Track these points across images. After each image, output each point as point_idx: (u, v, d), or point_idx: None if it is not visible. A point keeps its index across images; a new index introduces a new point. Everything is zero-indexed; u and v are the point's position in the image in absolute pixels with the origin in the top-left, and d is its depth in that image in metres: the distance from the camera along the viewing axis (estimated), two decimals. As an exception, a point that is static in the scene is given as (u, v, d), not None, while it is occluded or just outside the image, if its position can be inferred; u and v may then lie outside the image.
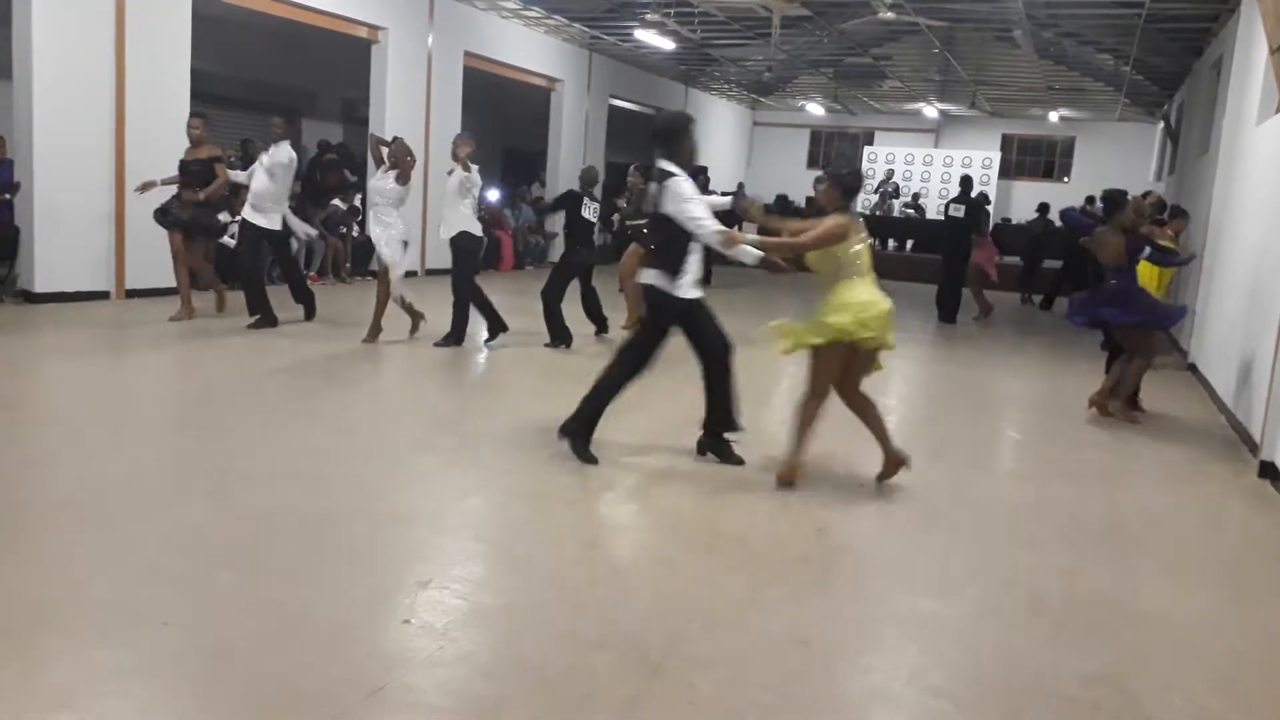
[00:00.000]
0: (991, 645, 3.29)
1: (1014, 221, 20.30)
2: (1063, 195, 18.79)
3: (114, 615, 3.02)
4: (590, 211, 8.52)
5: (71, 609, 3.04)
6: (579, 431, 5.01)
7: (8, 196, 8.64)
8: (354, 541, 3.77)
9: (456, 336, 8.03)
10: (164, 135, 9.13)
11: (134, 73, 8.90)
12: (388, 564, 3.60)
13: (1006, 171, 22.39)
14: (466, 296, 8.02)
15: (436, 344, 7.95)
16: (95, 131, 8.74)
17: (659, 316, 4.99)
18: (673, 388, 6.14)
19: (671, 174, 4.76)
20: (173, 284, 8.41)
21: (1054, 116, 21.33)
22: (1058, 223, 12.49)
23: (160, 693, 2.62)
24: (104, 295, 8.91)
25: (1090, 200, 14.05)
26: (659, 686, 2.81)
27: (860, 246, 4.66)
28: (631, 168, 9.66)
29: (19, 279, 8.66)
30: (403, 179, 7.86)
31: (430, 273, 13.32)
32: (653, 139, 4.92)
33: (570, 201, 8.57)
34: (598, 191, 8.99)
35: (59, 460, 4.60)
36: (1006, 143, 22.94)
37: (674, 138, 4.89)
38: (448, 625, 3.09)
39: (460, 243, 7.89)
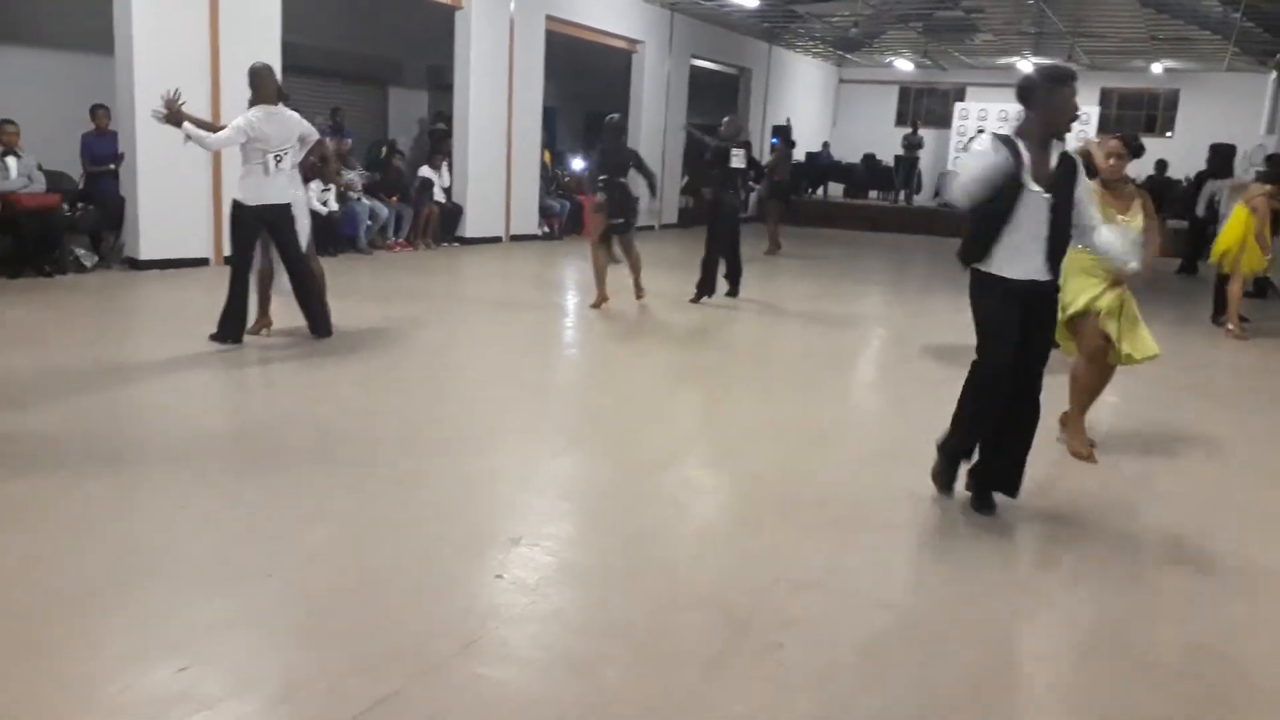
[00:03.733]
0: (1088, 612, 3.22)
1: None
2: (1167, 150, 17.99)
3: (219, 568, 3.15)
4: (739, 160, 9.12)
5: (180, 561, 3.19)
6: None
7: (113, 167, 8.98)
8: (447, 499, 3.86)
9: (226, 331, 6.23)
10: (257, 106, 9.36)
11: (227, 46, 9.12)
12: (479, 521, 3.69)
13: (1105, 127, 21.47)
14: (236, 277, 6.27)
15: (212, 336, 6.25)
16: (192, 104, 8.97)
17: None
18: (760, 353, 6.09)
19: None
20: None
21: (1157, 68, 20.34)
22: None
23: (264, 643, 2.73)
24: (204, 262, 9.23)
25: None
26: (746, 645, 2.82)
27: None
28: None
29: (124, 247, 9.01)
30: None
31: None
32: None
33: (720, 155, 9.14)
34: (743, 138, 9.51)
35: (168, 418, 4.81)
36: (1106, 97, 21.98)
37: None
38: (539, 581, 3.15)
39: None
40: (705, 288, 9.00)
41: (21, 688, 2.41)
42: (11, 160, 8.07)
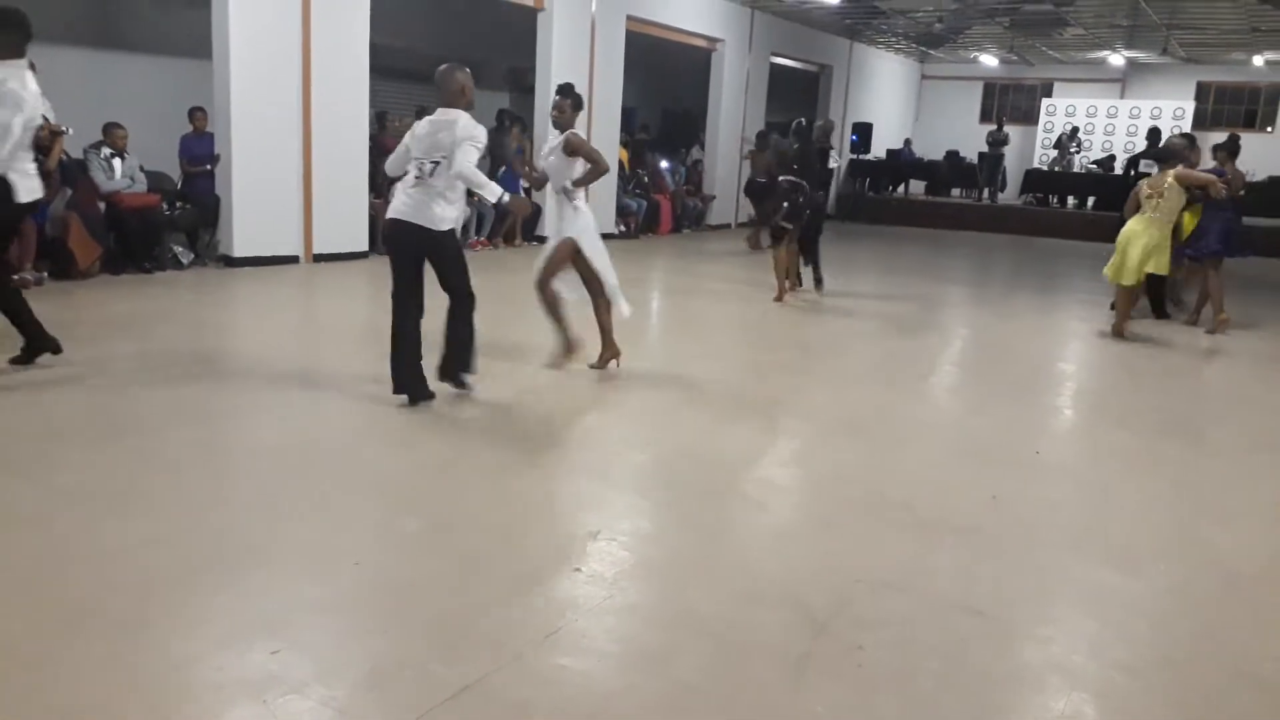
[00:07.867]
0: (1181, 623, 3.12)
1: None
2: (1267, 146, 17.28)
3: (312, 554, 3.25)
4: (833, 160, 9.73)
5: (275, 547, 3.30)
6: None
7: (209, 167, 9.30)
8: (527, 492, 3.92)
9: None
10: (345, 109, 9.64)
11: (318, 49, 9.38)
12: (559, 514, 3.73)
13: (1202, 122, 20.68)
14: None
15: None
16: (285, 107, 9.29)
17: None
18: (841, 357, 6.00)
19: None
20: (356, 249, 8.78)
21: (1259, 61, 19.49)
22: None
23: (352, 627, 2.81)
24: (294, 260, 9.50)
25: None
26: (826, 646, 2.80)
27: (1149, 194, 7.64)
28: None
29: (219, 245, 9.33)
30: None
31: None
32: None
33: (820, 156, 9.79)
34: (834, 141, 10.34)
35: (260, 410, 4.97)
36: (1202, 91, 21.18)
37: None
38: (616, 575, 3.18)
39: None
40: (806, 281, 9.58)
41: (126, 666, 2.52)
42: (118, 162, 8.42)
